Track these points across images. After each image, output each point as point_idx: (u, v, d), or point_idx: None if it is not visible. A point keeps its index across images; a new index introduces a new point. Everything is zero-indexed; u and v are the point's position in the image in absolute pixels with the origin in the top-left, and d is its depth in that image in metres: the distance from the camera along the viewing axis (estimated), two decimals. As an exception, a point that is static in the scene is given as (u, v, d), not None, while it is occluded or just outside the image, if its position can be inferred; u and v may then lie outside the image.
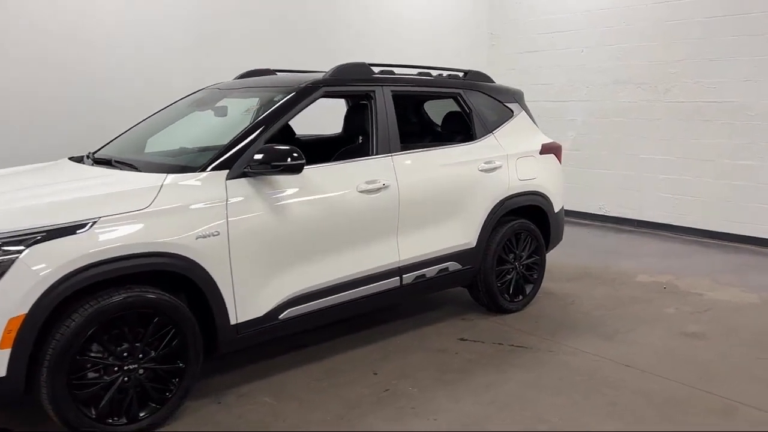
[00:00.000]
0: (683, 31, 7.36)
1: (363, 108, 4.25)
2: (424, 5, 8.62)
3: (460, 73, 4.95)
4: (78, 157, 4.04)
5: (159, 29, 6.31)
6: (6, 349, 2.71)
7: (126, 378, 3.01)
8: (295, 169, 3.46)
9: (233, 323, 3.36)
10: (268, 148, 3.44)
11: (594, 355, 4.10)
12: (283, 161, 3.40)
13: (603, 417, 3.34)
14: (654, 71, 7.66)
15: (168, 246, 3.07)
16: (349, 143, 4.45)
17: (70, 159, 4.05)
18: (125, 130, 4.43)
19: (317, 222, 3.68)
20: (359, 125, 4.30)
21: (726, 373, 3.87)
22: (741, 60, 6.96)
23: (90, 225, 2.90)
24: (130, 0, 6.10)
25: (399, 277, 4.12)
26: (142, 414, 3.08)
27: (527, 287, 4.98)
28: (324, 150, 4.55)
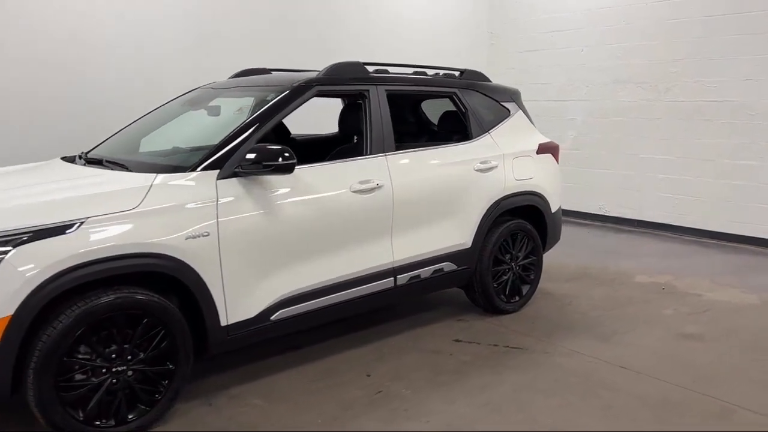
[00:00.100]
0: (684, 30, 7.32)
1: (357, 107, 4.22)
2: (424, 5, 8.59)
3: (456, 73, 4.92)
4: (70, 157, 4.02)
5: (159, 29, 6.30)
6: (-9, 351, 2.69)
7: (114, 380, 2.98)
8: (287, 169, 3.42)
9: (224, 324, 3.33)
10: (259, 147, 3.41)
11: (590, 357, 4.06)
12: (274, 161, 3.37)
13: (598, 419, 3.30)
14: (654, 70, 7.62)
15: (157, 246, 3.04)
16: (345, 143, 4.42)
17: (62, 159, 4.03)
18: (118, 130, 4.41)
19: (310, 222, 3.65)
20: (353, 125, 4.27)
21: (723, 375, 3.83)
22: (742, 59, 6.91)
23: (78, 225, 2.87)
24: (130, 0, 6.09)
25: (393, 278, 4.09)
26: (130, 416, 3.05)
27: (524, 288, 4.94)
28: (320, 150, 4.53)
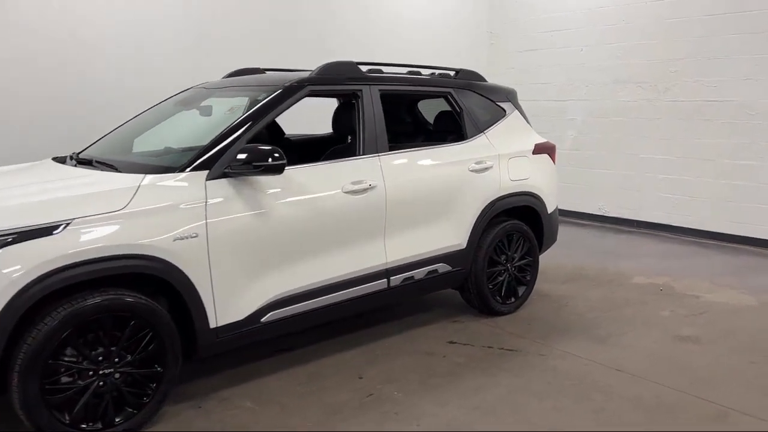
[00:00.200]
0: (683, 30, 7.27)
1: (350, 107, 4.18)
2: (424, 5, 8.56)
3: (451, 72, 4.89)
4: (61, 158, 4.00)
5: (159, 29, 6.28)
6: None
7: (101, 382, 2.95)
8: (276, 170, 3.39)
9: (213, 327, 3.30)
10: (248, 148, 3.38)
11: (585, 359, 4.02)
12: (264, 161, 3.34)
13: (591, 422, 3.27)
14: (654, 70, 7.57)
15: (144, 248, 3.02)
16: (339, 143, 4.39)
17: (53, 159, 4.01)
18: (111, 130, 4.39)
19: (301, 223, 3.62)
20: (347, 125, 4.23)
21: (719, 378, 3.78)
22: (742, 59, 6.86)
23: (64, 226, 2.85)
24: (129, 0, 6.07)
25: (386, 279, 4.06)
26: (118, 419, 3.02)
27: (520, 289, 4.90)
28: (314, 150, 4.50)
